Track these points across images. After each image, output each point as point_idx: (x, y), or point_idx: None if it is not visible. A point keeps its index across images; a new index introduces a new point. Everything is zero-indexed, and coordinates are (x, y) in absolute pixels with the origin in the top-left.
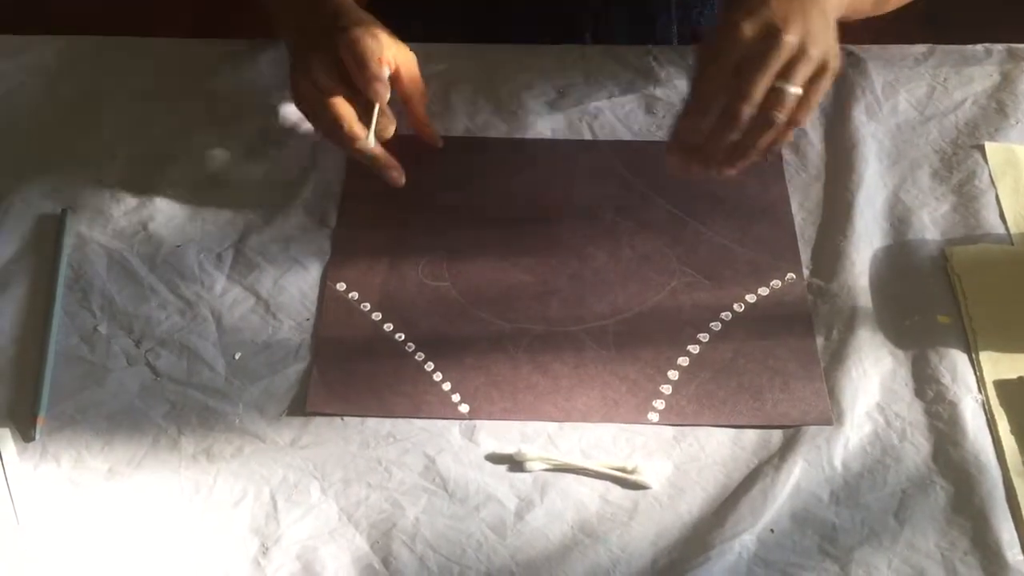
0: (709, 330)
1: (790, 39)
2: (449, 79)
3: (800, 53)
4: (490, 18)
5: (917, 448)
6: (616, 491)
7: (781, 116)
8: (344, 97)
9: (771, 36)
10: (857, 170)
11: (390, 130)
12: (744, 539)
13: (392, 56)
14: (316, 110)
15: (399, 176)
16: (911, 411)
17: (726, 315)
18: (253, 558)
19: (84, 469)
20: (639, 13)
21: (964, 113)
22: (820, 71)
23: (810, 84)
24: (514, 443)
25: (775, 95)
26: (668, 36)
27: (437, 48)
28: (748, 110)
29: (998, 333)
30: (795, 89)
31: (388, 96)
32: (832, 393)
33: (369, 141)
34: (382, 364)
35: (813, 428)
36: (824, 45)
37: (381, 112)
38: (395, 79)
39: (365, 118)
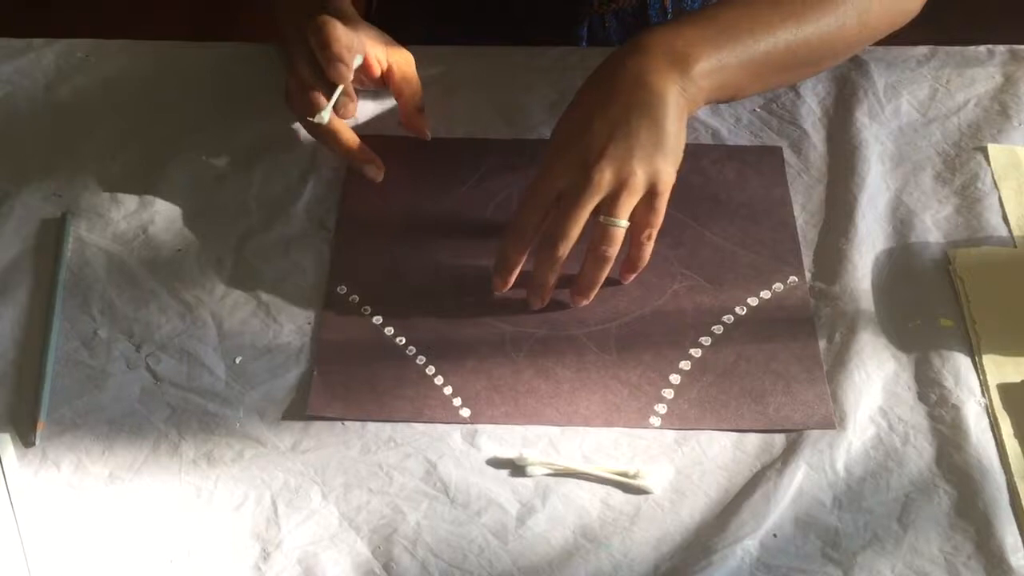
0: (711, 334)
1: (601, 177)
2: (450, 81)
3: (620, 185)
4: (487, 21)
5: (920, 452)
6: (618, 496)
7: (610, 251)
8: (322, 90)
9: (583, 172)
10: (859, 172)
11: (350, 108)
12: (746, 544)
13: (383, 54)
14: (296, 100)
15: (376, 171)
16: (914, 415)
17: (728, 318)
18: (254, 563)
19: (84, 474)
20: (635, 20)
21: (967, 115)
22: (650, 195)
23: (643, 210)
24: (515, 448)
25: (601, 230)
26: None
27: (438, 50)
28: (563, 247)
29: (1001, 336)
30: (621, 223)
31: (350, 77)
32: (835, 397)
33: (323, 116)
34: (383, 368)
35: (816, 432)
36: (651, 167)
37: (344, 93)
38: (388, 76)
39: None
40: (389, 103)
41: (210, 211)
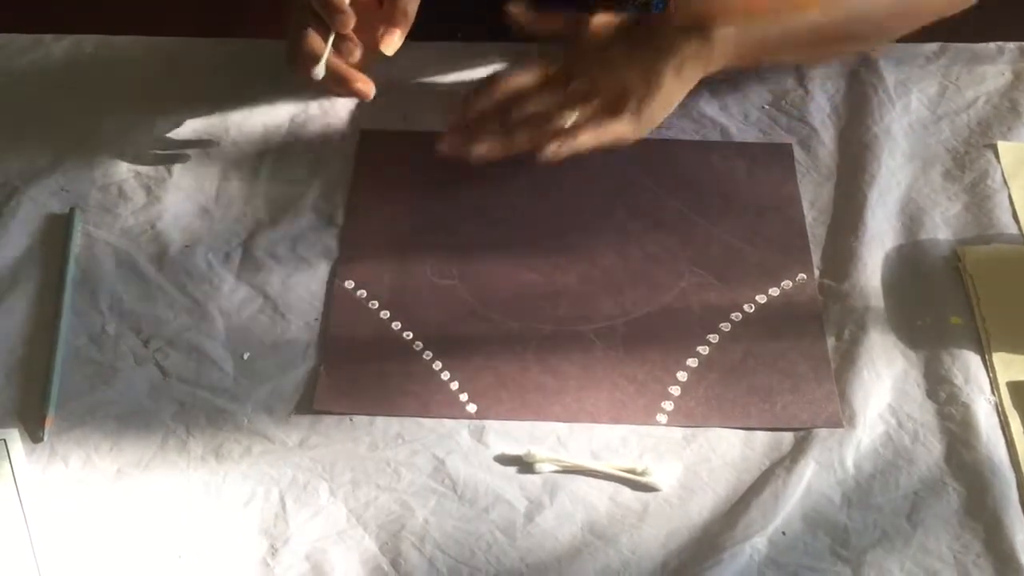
0: (719, 331)
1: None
2: (456, 79)
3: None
4: (487, 22)
5: (929, 450)
6: (626, 493)
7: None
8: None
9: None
10: (869, 169)
11: (356, 54)
12: (755, 541)
13: None
14: (292, 46)
15: (366, 87)
16: (923, 413)
17: (736, 316)
18: (262, 559)
19: (93, 469)
20: None
21: (976, 112)
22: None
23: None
24: (523, 444)
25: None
26: None
27: (440, 47)
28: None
29: (1011, 334)
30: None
31: (351, 23)
32: (844, 394)
33: (317, 72)
34: (390, 363)
35: (825, 429)
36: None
37: (346, 38)
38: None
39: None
40: (392, 97)
41: (218, 207)
